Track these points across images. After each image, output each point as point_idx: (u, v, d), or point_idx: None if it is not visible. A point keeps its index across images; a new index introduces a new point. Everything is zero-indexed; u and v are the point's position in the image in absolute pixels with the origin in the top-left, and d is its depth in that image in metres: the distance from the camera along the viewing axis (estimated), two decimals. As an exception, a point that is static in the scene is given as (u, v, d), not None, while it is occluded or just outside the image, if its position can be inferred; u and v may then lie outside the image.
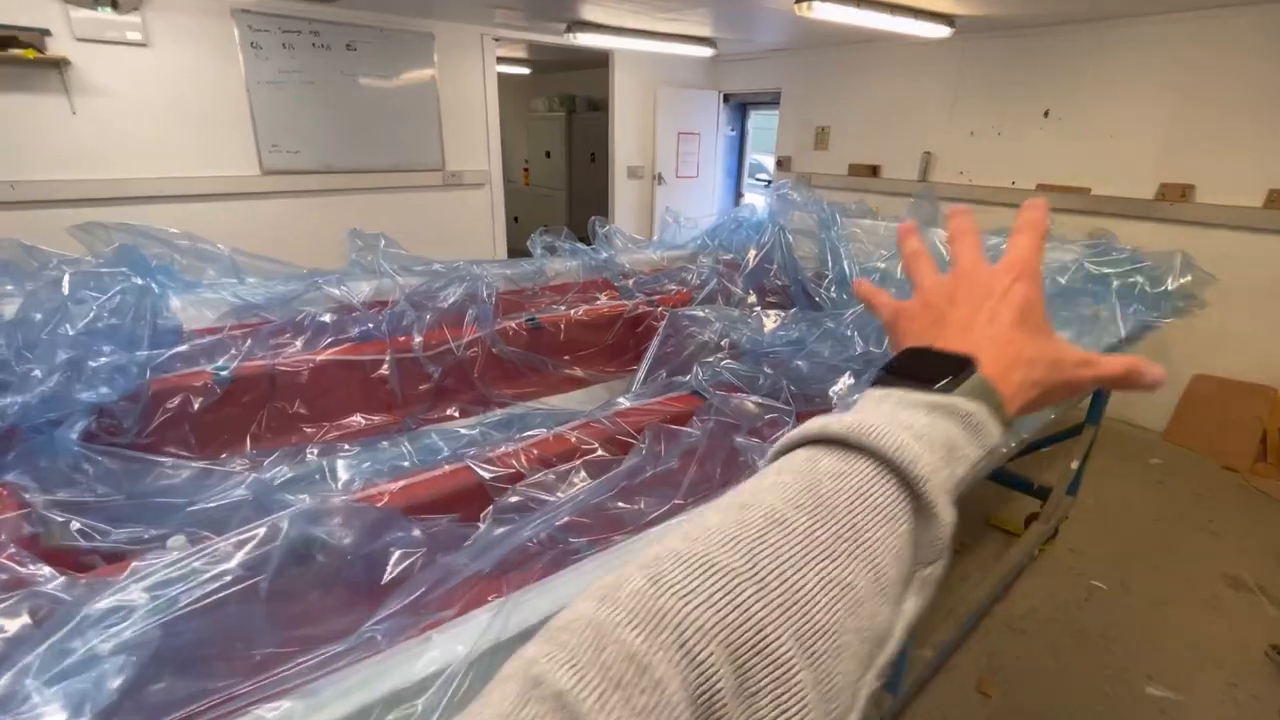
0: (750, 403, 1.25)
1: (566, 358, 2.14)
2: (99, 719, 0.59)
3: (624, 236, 2.87)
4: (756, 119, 5.60)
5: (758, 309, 2.68)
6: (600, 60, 4.53)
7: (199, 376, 1.48)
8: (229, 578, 0.71)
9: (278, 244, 2.71)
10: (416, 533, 0.98)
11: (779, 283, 2.82)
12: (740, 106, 5.34)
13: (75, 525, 0.97)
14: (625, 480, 1.14)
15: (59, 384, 1.17)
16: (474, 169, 3.78)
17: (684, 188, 4.86)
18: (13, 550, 0.87)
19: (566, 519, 1.03)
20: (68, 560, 0.91)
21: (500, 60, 4.26)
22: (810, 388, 1.49)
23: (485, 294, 2.05)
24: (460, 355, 1.87)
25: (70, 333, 1.20)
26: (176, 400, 1.42)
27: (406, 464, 1.69)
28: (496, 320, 2.04)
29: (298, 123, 3.15)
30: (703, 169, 4.98)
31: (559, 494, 1.11)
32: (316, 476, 1.54)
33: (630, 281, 2.64)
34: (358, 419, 1.71)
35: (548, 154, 6.16)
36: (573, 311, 2.21)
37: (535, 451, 1.22)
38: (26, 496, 1.02)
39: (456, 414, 1.88)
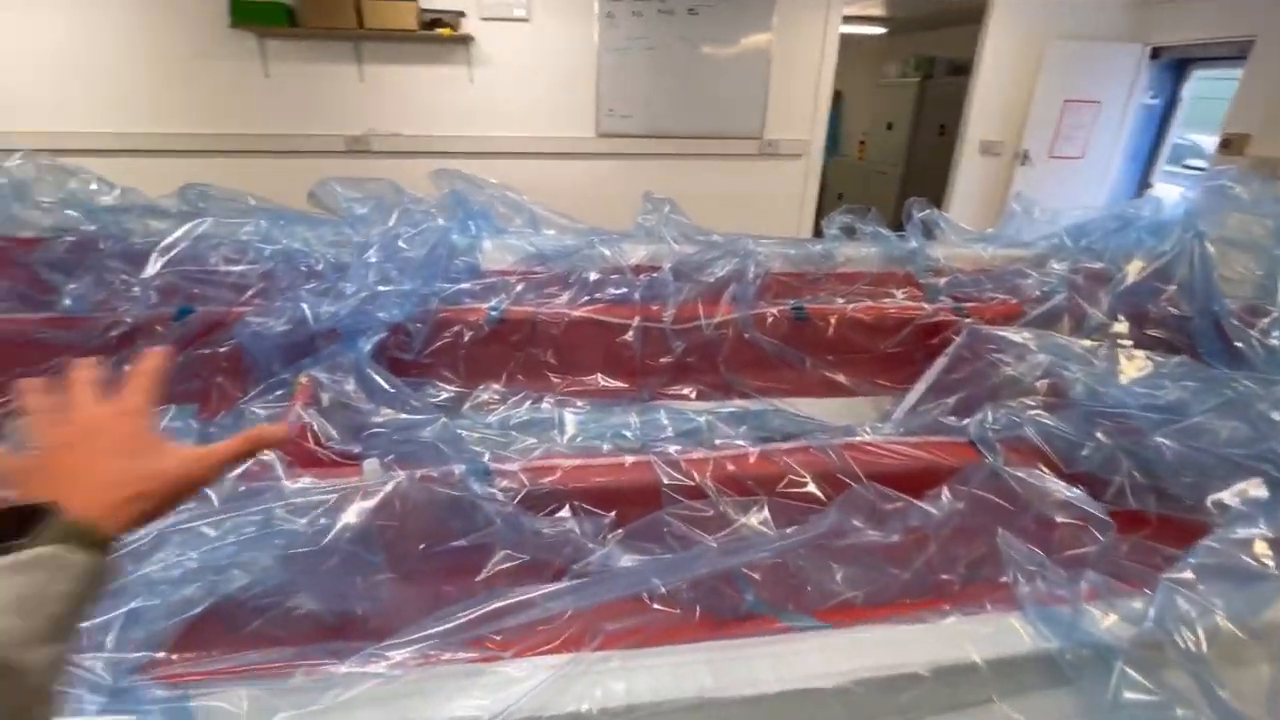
0: (1054, 486, 0.83)
1: (830, 358, 1.84)
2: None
3: (949, 224, 2.36)
4: (1202, 84, 4.06)
5: (1121, 345, 1.95)
6: (972, 14, 3.78)
7: (476, 313, 1.65)
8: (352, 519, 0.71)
9: (603, 202, 2.93)
10: (568, 528, 0.89)
11: (1174, 312, 1.99)
12: (1175, 65, 3.92)
13: (332, 427, 1.13)
14: (826, 538, 0.88)
15: (364, 301, 1.39)
16: (792, 138, 3.55)
17: (1058, 171, 3.82)
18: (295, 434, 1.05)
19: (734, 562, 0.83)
20: (315, 455, 1.05)
21: (849, 20, 3.87)
22: (1173, 484, 0.96)
23: (752, 273, 1.87)
24: (709, 334, 1.74)
25: (373, 259, 1.41)
26: (453, 330, 1.61)
27: (629, 435, 1.66)
28: (759, 304, 1.85)
29: (633, 88, 3.34)
30: (1094, 148, 3.83)
31: (737, 524, 0.91)
32: (550, 426, 1.61)
33: (942, 281, 2.15)
34: (599, 379, 1.73)
35: (889, 126, 5.52)
36: (850, 306, 1.88)
37: (730, 468, 1.03)
38: (321, 392, 1.23)
39: (694, 395, 1.77)
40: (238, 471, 0.94)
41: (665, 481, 0.98)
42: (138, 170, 2.62)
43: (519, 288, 1.74)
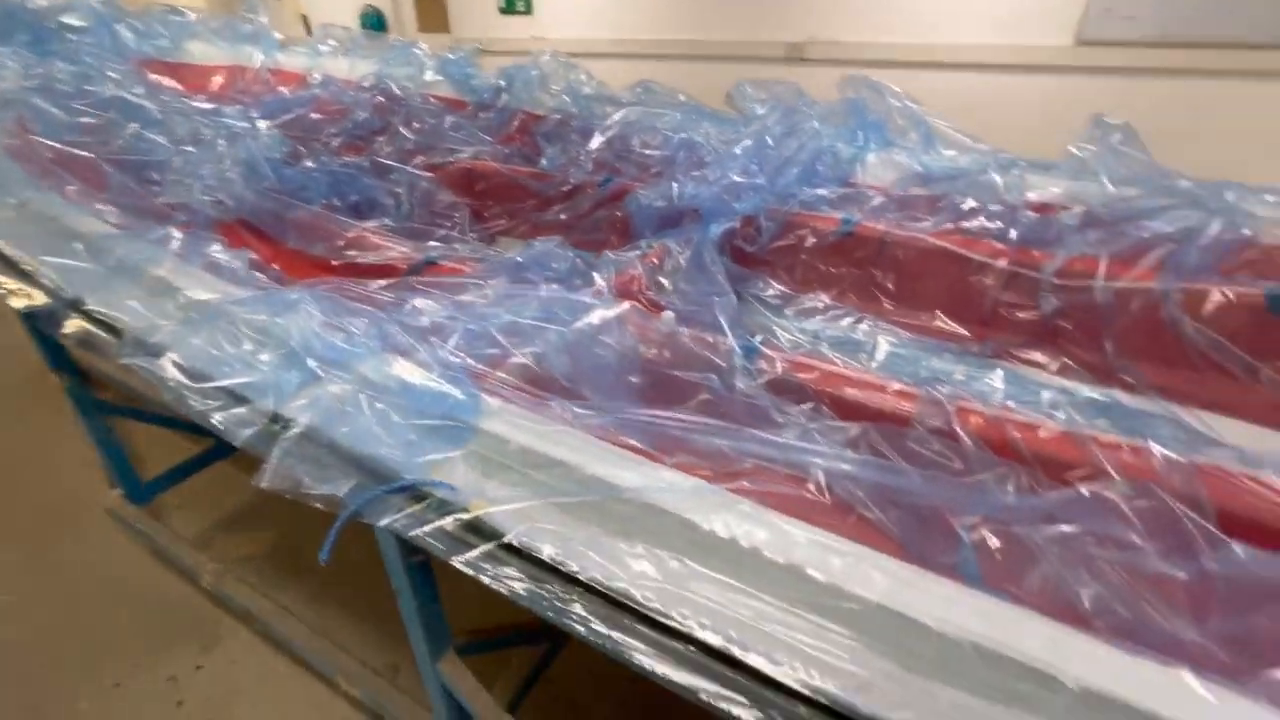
0: None
1: (1311, 379, 1.26)
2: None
3: None
4: None
5: None
6: None
7: (829, 221, 1.65)
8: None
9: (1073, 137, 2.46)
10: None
11: None
12: None
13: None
14: (1091, 536, 0.71)
15: (724, 189, 1.55)
16: None
17: None
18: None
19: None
20: (634, 297, 1.29)
21: None
22: None
23: (1212, 235, 1.35)
24: (1099, 299, 1.37)
25: (738, 153, 1.53)
26: (800, 234, 1.65)
27: (948, 388, 1.49)
28: (1208, 277, 1.35)
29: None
30: None
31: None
32: (862, 349, 1.56)
33: None
34: (937, 317, 1.57)
35: None
36: (1390, 313, 1.22)
37: (1011, 433, 0.88)
38: (666, 258, 1.47)
39: (1055, 368, 1.45)
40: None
41: (917, 416, 0.90)
42: (624, 69, 3.30)
43: (881, 204, 1.65)
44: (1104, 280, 1.37)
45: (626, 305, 0.93)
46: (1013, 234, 1.47)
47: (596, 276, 1.22)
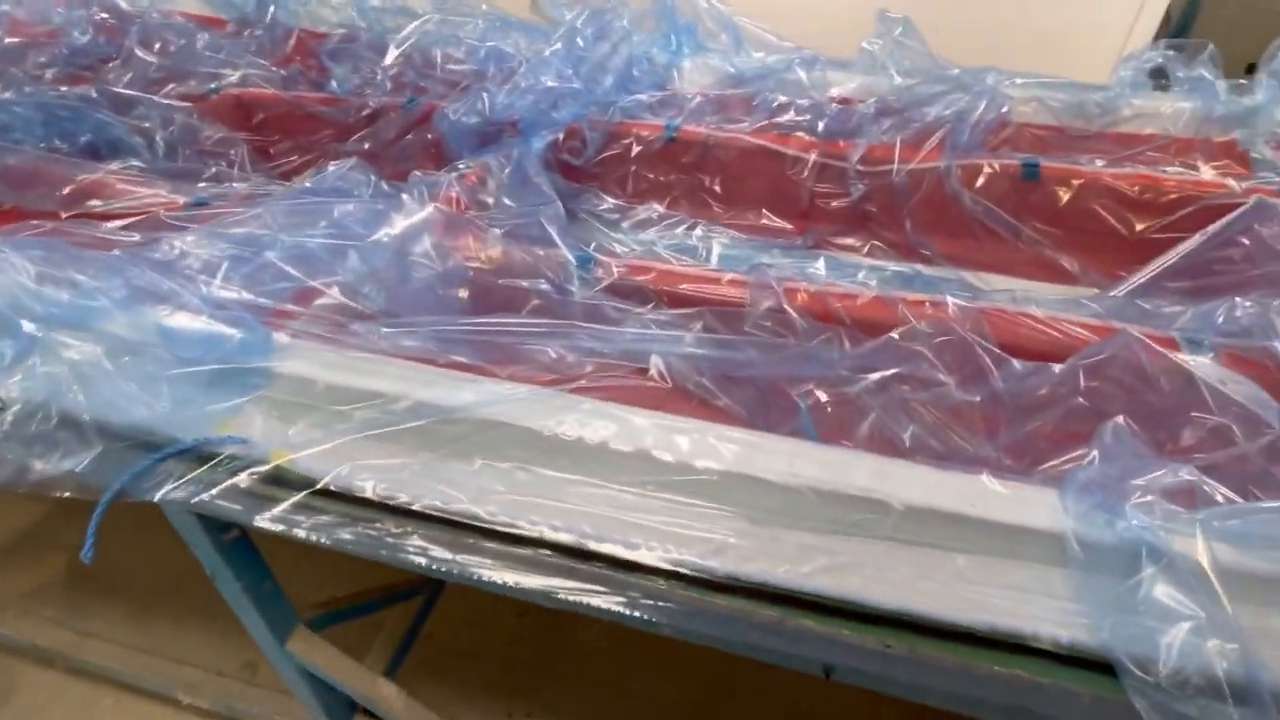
0: (1213, 374, 0.60)
1: (1059, 233, 1.48)
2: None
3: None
4: None
5: None
6: None
7: (652, 128, 1.62)
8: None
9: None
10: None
11: None
12: None
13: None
14: (904, 378, 0.78)
15: (540, 98, 1.45)
16: (1134, -48, 2.59)
17: None
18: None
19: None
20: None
21: None
22: None
23: (979, 116, 1.51)
24: (899, 180, 1.49)
25: (548, 57, 1.44)
26: (625, 143, 1.61)
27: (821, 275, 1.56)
28: (979, 154, 1.51)
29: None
30: None
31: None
32: (698, 254, 1.59)
33: (1289, 157, 1.55)
34: (763, 215, 1.62)
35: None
36: (1109, 171, 1.45)
37: (834, 305, 0.93)
38: (487, 178, 1.36)
39: (866, 249, 1.58)
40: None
41: (750, 300, 0.92)
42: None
43: (699, 106, 1.65)
44: (898, 164, 1.49)
45: (431, 208, 0.84)
46: (820, 127, 1.54)
47: (407, 198, 1.09)
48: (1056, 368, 0.68)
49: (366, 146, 1.73)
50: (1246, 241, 1.04)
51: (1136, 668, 0.40)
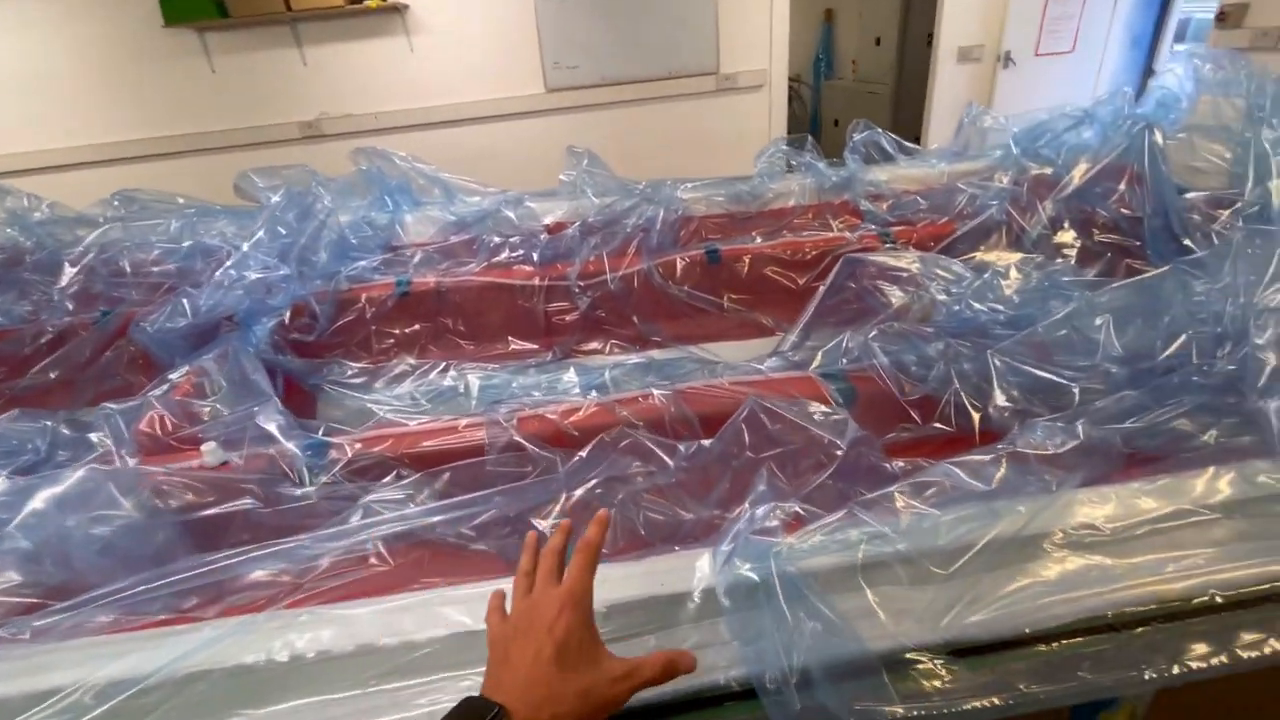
0: (811, 408, 0.81)
1: (748, 298, 1.81)
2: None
3: (892, 144, 2.24)
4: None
5: (1065, 254, 1.85)
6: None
7: (383, 287, 1.67)
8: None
9: (560, 161, 2.88)
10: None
11: (1126, 213, 1.86)
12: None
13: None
14: (609, 484, 0.89)
15: (251, 289, 1.43)
16: (751, 69, 3.38)
17: (1046, 71, 3.52)
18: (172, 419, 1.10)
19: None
20: (161, 443, 1.11)
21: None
22: (996, 401, 0.93)
23: (661, 221, 1.83)
24: (614, 287, 1.72)
25: (247, 248, 1.45)
26: (358, 307, 1.64)
27: (538, 394, 1.69)
28: (671, 251, 1.81)
29: (577, 36, 3.23)
30: (1085, 39, 3.51)
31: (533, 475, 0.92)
32: (458, 394, 1.64)
33: (885, 206, 2.07)
34: (509, 342, 1.75)
35: (877, 40, 5.18)
36: (767, 243, 1.83)
37: (561, 423, 1.04)
38: (207, 382, 1.29)
39: (606, 349, 1.77)
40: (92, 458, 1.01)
41: (488, 442, 1.00)
42: (95, 182, 2.73)
43: (424, 259, 1.75)
44: (610, 273, 1.73)
45: (84, 470, 0.78)
46: (535, 256, 1.72)
47: (95, 438, 1.00)
48: (707, 443, 0.85)
49: (53, 376, 1.54)
50: (853, 284, 1.39)
51: (768, 683, 0.53)
